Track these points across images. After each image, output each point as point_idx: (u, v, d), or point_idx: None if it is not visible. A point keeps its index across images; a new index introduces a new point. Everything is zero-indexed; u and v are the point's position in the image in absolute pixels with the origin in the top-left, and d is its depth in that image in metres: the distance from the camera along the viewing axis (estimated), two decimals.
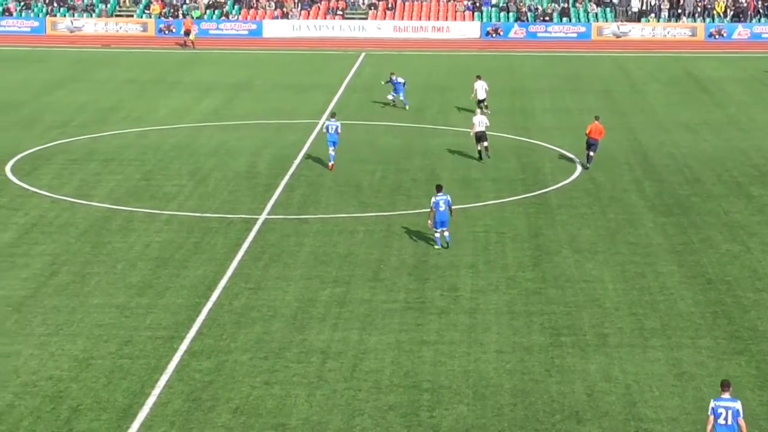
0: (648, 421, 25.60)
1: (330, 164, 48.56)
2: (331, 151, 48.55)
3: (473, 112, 55.05)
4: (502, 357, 29.00)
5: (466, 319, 31.58)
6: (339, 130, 48.55)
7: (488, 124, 50.74)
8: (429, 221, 37.77)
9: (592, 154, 48.91)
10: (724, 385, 22.99)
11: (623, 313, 32.17)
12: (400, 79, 64.34)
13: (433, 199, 37.61)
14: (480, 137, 50.14)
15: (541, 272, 35.58)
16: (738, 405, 22.72)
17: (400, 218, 41.52)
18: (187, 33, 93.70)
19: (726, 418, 22.65)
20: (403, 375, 27.89)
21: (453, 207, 37.91)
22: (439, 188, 38.21)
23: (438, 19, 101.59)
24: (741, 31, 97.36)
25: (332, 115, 51.82)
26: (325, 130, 49.33)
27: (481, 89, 61.46)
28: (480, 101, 60.91)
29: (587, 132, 49.23)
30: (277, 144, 54.22)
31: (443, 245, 37.76)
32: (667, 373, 28.13)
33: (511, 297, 33.37)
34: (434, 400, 26.54)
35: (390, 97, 64.39)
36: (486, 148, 50.30)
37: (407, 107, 63.44)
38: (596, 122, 49.21)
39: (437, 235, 37.80)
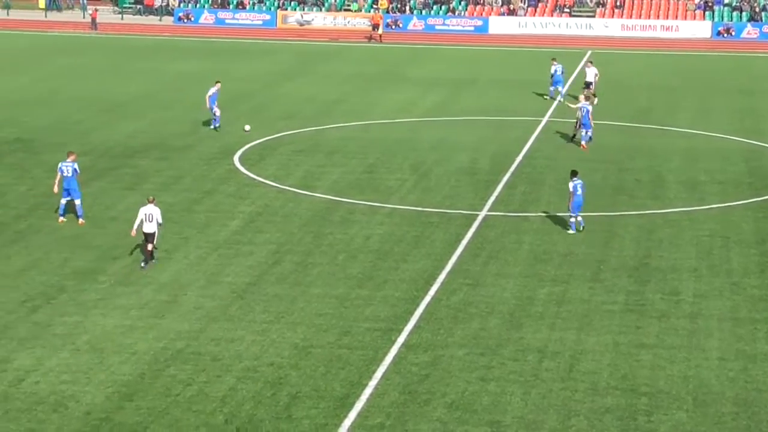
0: None
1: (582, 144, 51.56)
2: (585, 133, 51.41)
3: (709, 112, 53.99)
4: (724, 364, 28.26)
5: (687, 324, 30.91)
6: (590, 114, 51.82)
7: (597, 74, 53.35)
8: (568, 204, 38.91)
9: None
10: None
11: None
12: (559, 68, 64.85)
13: (570, 184, 38.55)
14: (588, 84, 52.85)
15: None
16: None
17: (622, 219, 40.93)
18: (375, 27, 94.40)
19: None
20: (621, 378, 27.47)
21: (677, 210, 37.25)
22: (574, 173, 39.14)
23: (667, 18, 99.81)
24: None
25: (587, 97, 53.92)
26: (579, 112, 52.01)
27: (591, 74, 63.21)
28: (587, 84, 62.66)
29: None
30: (499, 140, 54.13)
31: (578, 229, 38.62)
32: None
33: (735, 303, 32.50)
34: (652, 405, 26.05)
35: (551, 89, 65.39)
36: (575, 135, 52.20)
37: (562, 100, 63.80)
38: None
39: (572, 219, 38.64)
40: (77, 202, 39.35)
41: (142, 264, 35.00)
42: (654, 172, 48.08)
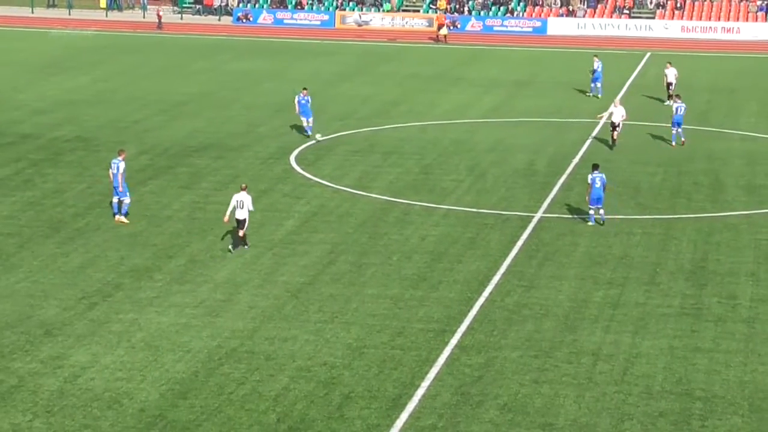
0: None
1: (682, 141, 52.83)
2: (675, 131, 52.93)
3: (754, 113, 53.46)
4: None
5: (744, 329, 30.63)
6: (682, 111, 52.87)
7: (624, 115, 52.09)
8: (586, 197, 39.76)
9: None
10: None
11: None
12: (599, 65, 66.36)
13: (589, 177, 39.29)
14: (614, 126, 51.85)
15: None
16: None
17: (679, 222, 40.63)
18: (440, 27, 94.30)
19: None
20: (676, 382, 27.26)
21: (736, 213, 36.95)
22: (595, 167, 39.80)
23: (728, 19, 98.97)
24: None
25: (678, 96, 55.79)
26: (674, 111, 53.07)
27: (671, 75, 63.77)
28: (669, 85, 63.61)
29: None
30: (557, 142, 53.91)
31: (598, 222, 39.54)
32: None
33: None
34: (707, 410, 25.83)
35: (592, 86, 66.83)
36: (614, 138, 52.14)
37: (600, 96, 65.39)
38: None
39: (591, 212, 39.34)
40: (124, 200, 39.60)
41: (230, 248, 36.26)
42: (713, 175, 47.69)
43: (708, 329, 30.54)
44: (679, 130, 53.04)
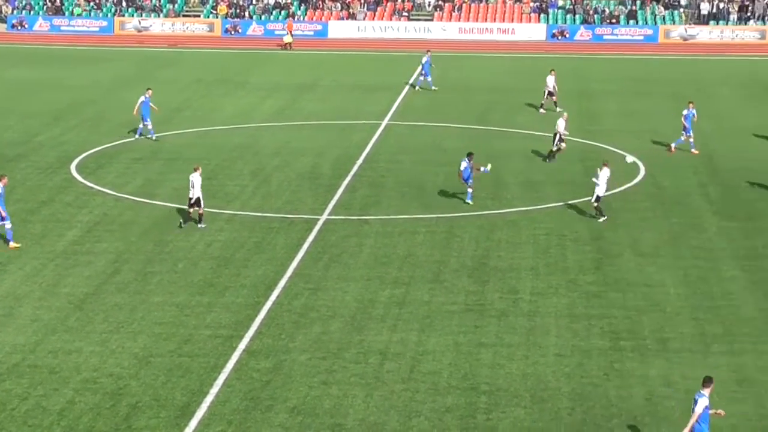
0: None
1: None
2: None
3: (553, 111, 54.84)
4: (561, 360, 28.82)
5: (525, 322, 31.43)
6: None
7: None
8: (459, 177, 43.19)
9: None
10: (705, 381, 23.39)
11: (685, 317, 31.86)
12: (427, 59, 69.53)
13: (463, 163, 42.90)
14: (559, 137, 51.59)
15: (602, 276, 35.34)
16: (702, 401, 23.04)
17: (462, 220, 41.41)
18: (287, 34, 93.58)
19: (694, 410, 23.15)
20: (461, 377, 27.80)
21: (516, 210, 37.83)
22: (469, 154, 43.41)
23: (504, 21, 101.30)
24: None
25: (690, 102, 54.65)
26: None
27: (550, 82, 63.73)
28: (548, 93, 63.60)
29: None
30: (341, 144, 54.28)
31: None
32: (728, 378, 27.79)
33: (571, 300, 33.17)
34: (492, 403, 26.42)
35: (420, 79, 68.99)
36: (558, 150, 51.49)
37: (418, 88, 68.02)
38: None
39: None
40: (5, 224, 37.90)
41: (181, 224, 39.80)
42: (493, 173, 48.64)
43: (491, 324, 31.23)
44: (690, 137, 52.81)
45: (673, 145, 52.94)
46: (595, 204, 41.21)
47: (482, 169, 43.52)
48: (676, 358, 29.07)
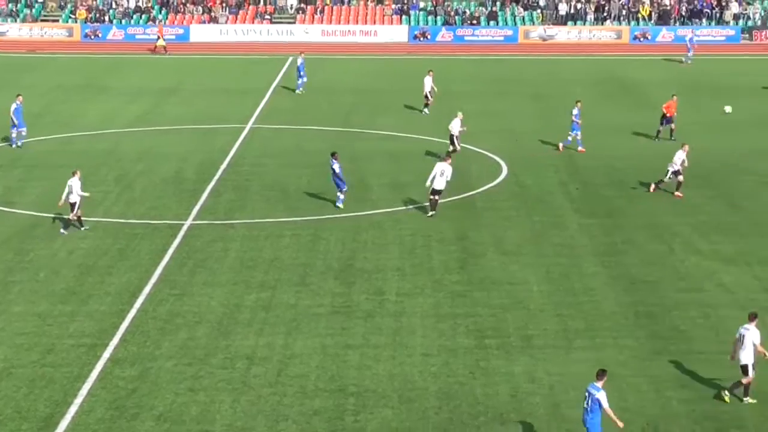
0: (571, 421, 25.79)
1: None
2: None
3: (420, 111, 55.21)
4: (427, 360, 29.09)
5: (391, 323, 31.65)
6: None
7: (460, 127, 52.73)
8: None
9: (673, 126, 55.43)
10: (599, 374, 24.17)
11: (548, 314, 32.41)
12: (301, 61, 70.25)
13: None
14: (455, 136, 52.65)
15: (467, 275, 35.75)
16: (599, 394, 23.84)
17: (327, 222, 41.51)
18: (159, 38, 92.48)
19: (587, 403, 23.92)
20: (329, 379, 27.90)
21: (381, 211, 38.07)
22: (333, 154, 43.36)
23: (366, 23, 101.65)
24: (665, 34, 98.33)
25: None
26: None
27: (427, 84, 64.30)
28: (426, 94, 64.02)
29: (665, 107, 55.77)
30: (205, 149, 53.96)
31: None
32: (590, 373, 28.10)
33: (436, 300, 33.49)
34: (359, 404, 26.56)
35: (299, 82, 69.97)
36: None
37: (300, 91, 68.94)
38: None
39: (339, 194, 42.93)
40: None
41: (62, 231, 39.45)
42: (358, 174, 48.85)
43: (358, 326, 31.39)
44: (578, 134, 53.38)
45: (561, 145, 53.70)
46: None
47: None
48: (540, 354, 29.56)
